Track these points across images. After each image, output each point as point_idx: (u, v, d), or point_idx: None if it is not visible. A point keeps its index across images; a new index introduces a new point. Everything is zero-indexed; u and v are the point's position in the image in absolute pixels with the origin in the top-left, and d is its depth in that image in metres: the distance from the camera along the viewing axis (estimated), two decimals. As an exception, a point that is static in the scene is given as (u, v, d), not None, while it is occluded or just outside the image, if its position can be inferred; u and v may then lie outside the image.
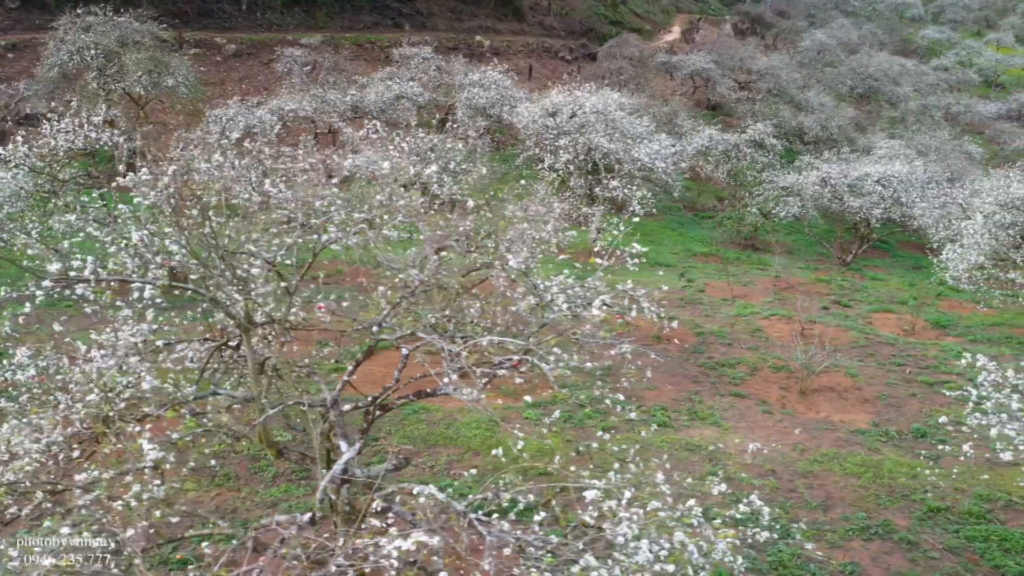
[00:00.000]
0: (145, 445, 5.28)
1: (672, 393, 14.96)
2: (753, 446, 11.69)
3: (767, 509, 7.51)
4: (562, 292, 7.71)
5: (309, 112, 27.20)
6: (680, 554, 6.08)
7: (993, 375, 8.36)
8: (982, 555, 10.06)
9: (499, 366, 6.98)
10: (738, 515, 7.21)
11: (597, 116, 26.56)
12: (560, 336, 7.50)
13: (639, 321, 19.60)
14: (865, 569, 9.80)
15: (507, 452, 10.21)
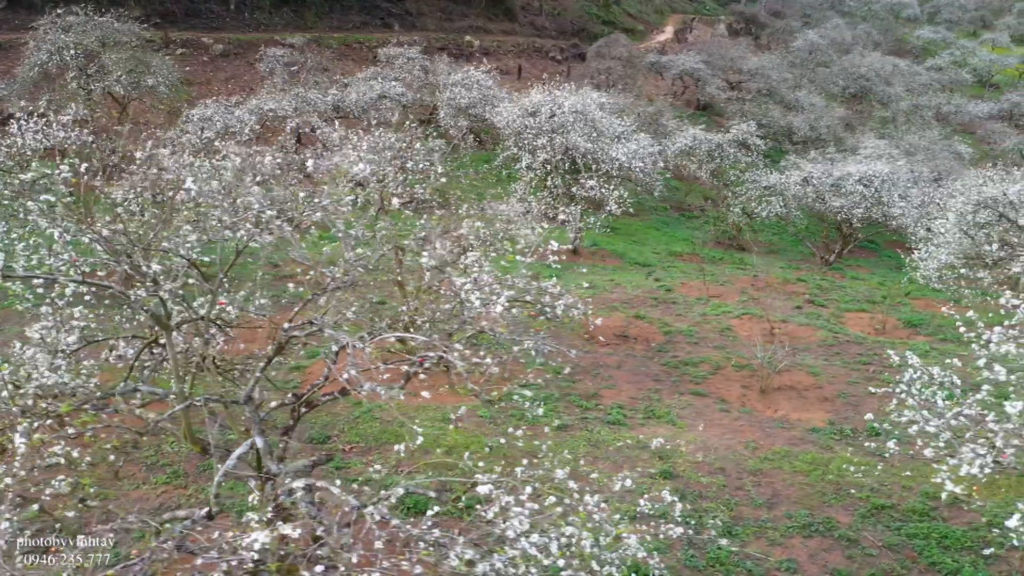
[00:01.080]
0: (17, 439, 5.32)
1: (631, 392, 14.99)
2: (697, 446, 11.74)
3: (679, 504, 7.53)
4: (477, 289, 7.67)
5: (289, 112, 27.26)
6: (579, 550, 6.13)
7: (919, 372, 8.39)
8: (920, 552, 10.09)
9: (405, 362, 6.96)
10: (648, 510, 7.20)
11: (576, 116, 26.57)
12: (465, 332, 7.48)
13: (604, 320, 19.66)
14: (802, 566, 9.84)
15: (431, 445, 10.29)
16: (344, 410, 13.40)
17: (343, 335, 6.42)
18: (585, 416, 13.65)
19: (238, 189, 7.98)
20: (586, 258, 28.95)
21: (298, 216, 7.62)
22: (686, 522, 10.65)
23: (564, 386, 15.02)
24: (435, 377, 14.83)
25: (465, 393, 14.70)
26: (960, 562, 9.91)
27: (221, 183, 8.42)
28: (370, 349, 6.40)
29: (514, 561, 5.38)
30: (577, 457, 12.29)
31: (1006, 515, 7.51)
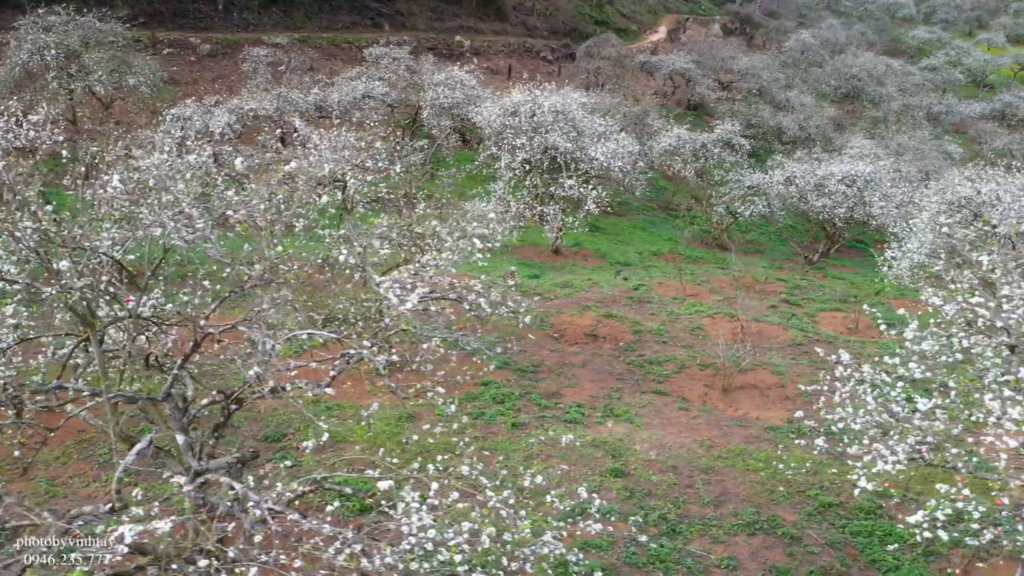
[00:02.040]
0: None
1: (593, 390, 15.02)
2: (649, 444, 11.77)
3: (598, 501, 7.56)
4: (395, 286, 7.70)
5: (270, 111, 27.30)
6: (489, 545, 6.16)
7: (850, 370, 8.42)
8: (862, 550, 10.12)
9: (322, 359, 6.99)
10: (565, 507, 7.22)
11: (556, 115, 26.60)
12: (373, 328, 7.52)
13: (574, 320, 19.69)
14: (742, 563, 9.87)
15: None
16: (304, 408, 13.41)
17: (255, 332, 6.45)
18: (543, 415, 13.68)
19: (166, 187, 8.02)
20: (568, 257, 28.99)
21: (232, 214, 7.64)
22: (634, 520, 10.74)
23: (527, 385, 15.06)
24: (395, 376, 14.87)
25: (418, 391, 14.76)
26: (901, 559, 9.93)
27: (153, 182, 8.48)
28: (279, 347, 6.41)
29: (405, 556, 5.41)
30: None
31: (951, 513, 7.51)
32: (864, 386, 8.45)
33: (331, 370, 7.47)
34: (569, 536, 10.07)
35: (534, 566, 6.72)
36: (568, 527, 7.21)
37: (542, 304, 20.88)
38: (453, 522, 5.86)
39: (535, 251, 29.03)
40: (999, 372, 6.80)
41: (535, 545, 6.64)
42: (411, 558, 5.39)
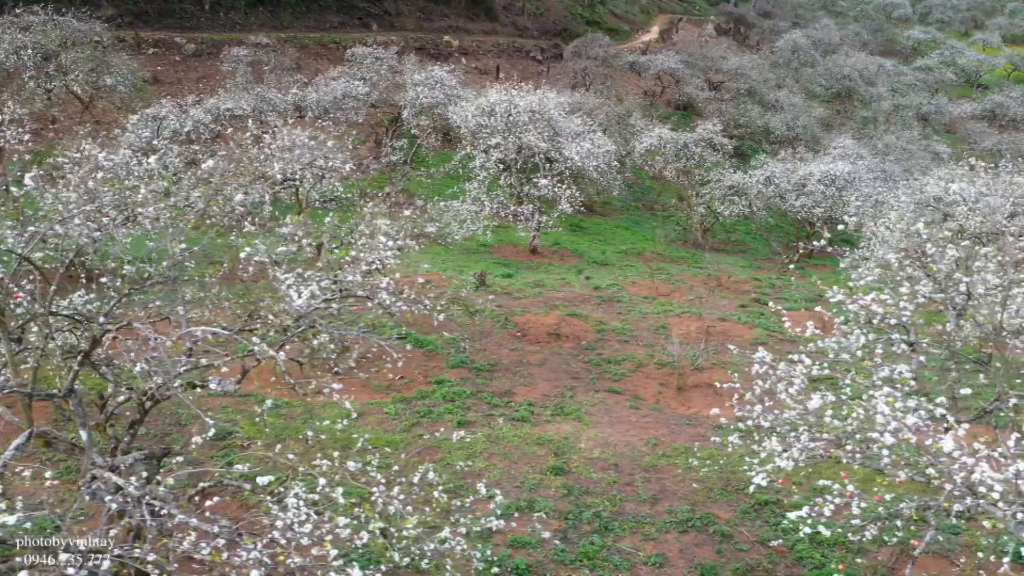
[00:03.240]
0: None
1: (546, 389, 15.05)
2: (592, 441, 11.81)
3: (500, 497, 7.59)
4: (302, 284, 7.72)
5: (247, 111, 27.36)
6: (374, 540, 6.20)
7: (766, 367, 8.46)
8: (792, 547, 10.14)
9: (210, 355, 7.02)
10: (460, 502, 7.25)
11: (532, 115, 26.63)
12: (270, 325, 7.54)
13: (539, 319, 19.72)
14: (670, 560, 9.90)
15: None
16: (249, 406, 13.46)
17: (149, 329, 6.49)
18: (491, 413, 13.71)
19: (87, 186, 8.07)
20: (545, 257, 29.02)
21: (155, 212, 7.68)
22: (565, 517, 10.78)
23: (480, 383, 15.09)
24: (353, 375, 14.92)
25: (378, 388, 14.82)
26: (829, 557, 9.96)
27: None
28: (170, 343, 6.45)
29: (277, 549, 5.45)
30: (474, 452, 12.43)
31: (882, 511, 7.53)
32: (782, 384, 8.50)
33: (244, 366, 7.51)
34: (499, 533, 10.18)
35: (430, 562, 6.75)
36: (472, 522, 7.21)
37: (510, 303, 20.95)
38: (332, 517, 5.88)
39: (513, 251, 29.07)
40: (886, 369, 6.84)
41: (431, 541, 6.66)
42: (281, 552, 5.42)
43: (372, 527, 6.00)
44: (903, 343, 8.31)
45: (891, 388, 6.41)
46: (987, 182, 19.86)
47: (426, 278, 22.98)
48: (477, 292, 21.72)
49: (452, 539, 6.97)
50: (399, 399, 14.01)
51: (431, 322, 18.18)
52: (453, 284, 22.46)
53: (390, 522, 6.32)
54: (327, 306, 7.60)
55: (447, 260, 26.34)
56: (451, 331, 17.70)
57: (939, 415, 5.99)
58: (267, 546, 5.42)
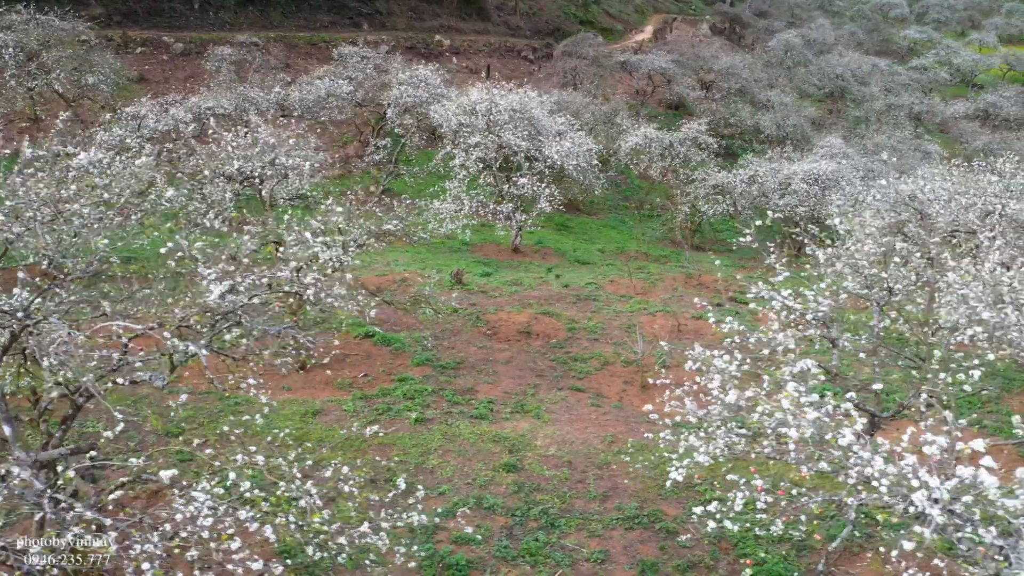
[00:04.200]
0: None
1: (509, 386, 15.06)
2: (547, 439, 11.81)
3: (421, 492, 7.60)
4: (220, 280, 7.73)
5: (229, 110, 27.39)
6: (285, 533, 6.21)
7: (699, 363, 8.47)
8: (736, 545, 10.15)
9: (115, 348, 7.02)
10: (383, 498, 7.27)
11: (513, 114, 26.64)
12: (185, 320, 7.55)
13: (511, 317, 19.72)
14: (612, 557, 9.91)
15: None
16: (210, 403, 13.49)
17: (57, 324, 6.51)
18: (451, 411, 13.72)
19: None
20: (527, 256, 29.01)
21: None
22: (512, 514, 10.79)
23: (444, 381, 15.11)
24: (313, 373, 14.95)
25: (341, 386, 14.83)
26: (772, 554, 9.96)
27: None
28: (83, 337, 6.46)
29: (181, 542, 5.46)
30: (429, 449, 12.44)
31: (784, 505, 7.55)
32: (715, 379, 8.51)
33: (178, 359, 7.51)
34: (443, 530, 10.20)
35: (347, 558, 6.76)
36: (393, 518, 7.21)
37: (485, 301, 20.96)
38: (234, 511, 5.89)
39: (495, 249, 29.08)
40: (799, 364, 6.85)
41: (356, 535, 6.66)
42: (176, 546, 5.44)
43: (278, 521, 6.01)
44: (825, 339, 8.33)
45: (797, 383, 6.42)
46: (959, 180, 19.82)
47: (404, 277, 23.14)
48: (452, 290, 21.78)
49: (374, 535, 6.96)
50: (359, 396, 14.03)
51: (402, 320, 18.31)
52: (430, 282, 22.51)
53: (302, 517, 6.33)
54: (248, 301, 7.59)
55: (427, 259, 26.36)
56: (421, 329, 17.76)
57: (844, 409, 6.00)
58: (165, 539, 5.43)
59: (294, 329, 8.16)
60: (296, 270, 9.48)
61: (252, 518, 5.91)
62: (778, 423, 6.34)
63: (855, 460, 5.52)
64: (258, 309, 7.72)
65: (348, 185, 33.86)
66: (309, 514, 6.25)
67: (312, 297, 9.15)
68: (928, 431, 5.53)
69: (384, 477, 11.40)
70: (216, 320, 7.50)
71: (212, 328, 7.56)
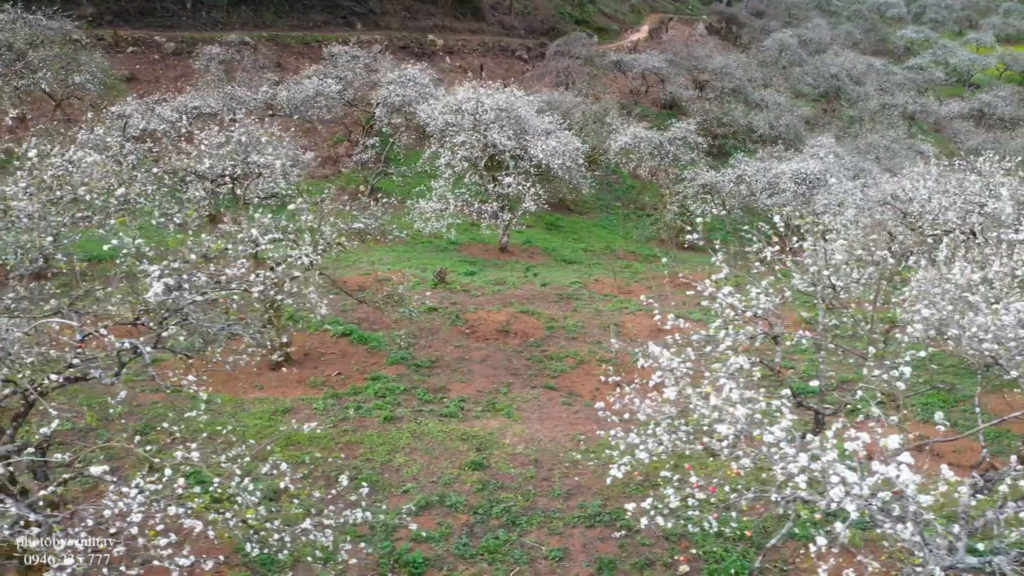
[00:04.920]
0: None
1: (482, 385, 15.08)
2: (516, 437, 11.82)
3: (365, 489, 7.62)
4: (164, 277, 7.73)
5: (215, 109, 27.42)
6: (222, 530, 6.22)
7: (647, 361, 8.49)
8: (696, 542, 10.15)
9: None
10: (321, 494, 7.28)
11: (499, 113, 26.67)
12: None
13: (491, 316, 19.71)
14: (571, 554, 9.92)
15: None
16: (181, 402, 13.50)
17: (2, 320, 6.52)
18: (422, 409, 13.74)
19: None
20: (514, 255, 29.03)
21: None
22: (474, 512, 10.81)
23: (417, 380, 15.13)
24: (287, 372, 14.96)
25: (314, 384, 14.84)
26: (732, 552, 9.97)
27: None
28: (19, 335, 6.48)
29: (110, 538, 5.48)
30: (396, 447, 12.45)
31: (714, 502, 7.58)
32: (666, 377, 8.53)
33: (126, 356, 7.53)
34: (404, 527, 10.21)
35: (289, 554, 6.77)
36: (336, 515, 7.22)
37: (467, 300, 20.98)
38: (167, 507, 5.91)
39: (483, 249, 29.10)
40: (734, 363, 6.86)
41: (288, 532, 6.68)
42: (101, 543, 5.46)
43: (211, 517, 6.03)
44: (768, 335, 8.37)
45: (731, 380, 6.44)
46: (940, 179, 19.81)
47: (387, 276, 23.15)
48: (435, 289, 21.81)
49: (318, 532, 6.98)
50: (330, 395, 14.05)
51: (381, 319, 18.32)
52: (407, 282, 22.53)
53: (239, 513, 6.34)
54: (199, 299, 7.59)
55: (413, 258, 26.38)
56: (399, 328, 17.79)
57: (775, 406, 6.01)
58: (93, 534, 5.45)
59: (241, 327, 8.16)
60: (270, 268, 9.50)
61: (186, 514, 5.92)
62: (713, 420, 6.36)
63: (779, 456, 5.53)
64: (205, 307, 7.73)
65: (337, 184, 33.92)
66: (243, 510, 6.26)
67: (260, 295, 9.13)
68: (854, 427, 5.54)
69: (349, 475, 11.42)
70: (165, 318, 7.51)
71: (160, 325, 7.57)
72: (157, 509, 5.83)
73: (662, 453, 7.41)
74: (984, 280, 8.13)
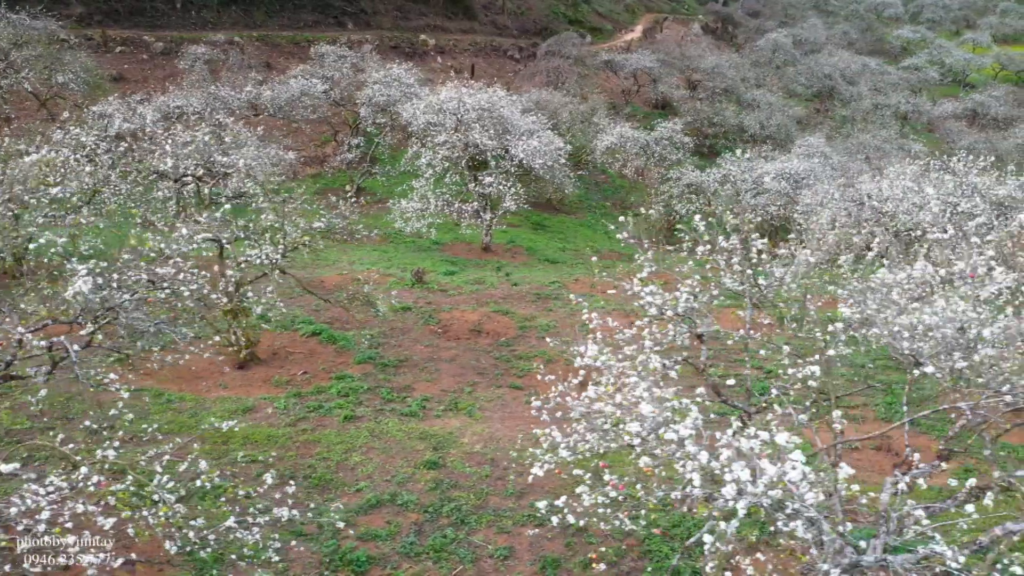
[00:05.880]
0: None
1: (447, 384, 15.10)
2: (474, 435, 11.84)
3: (292, 488, 7.63)
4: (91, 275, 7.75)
5: (198, 108, 27.45)
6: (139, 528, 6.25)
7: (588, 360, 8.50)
8: (642, 541, 10.18)
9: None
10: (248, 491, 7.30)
11: (481, 113, 26.69)
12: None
13: (464, 315, 19.73)
14: (517, 553, 9.94)
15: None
16: (142, 401, 13.52)
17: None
18: (383, 408, 13.76)
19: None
20: (497, 255, 29.04)
21: None
22: (425, 510, 10.83)
23: (382, 379, 15.15)
24: (253, 371, 14.99)
25: (279, 383, 14.87)
26: (678, 551, 9.98)
27: None
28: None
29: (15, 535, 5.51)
30: (353, 447, 12.48)
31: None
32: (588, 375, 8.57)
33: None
34: (352, 525, 10.24)
35: (212, 552, 6.80)
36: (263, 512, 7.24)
37: (443, 300, 21.00)
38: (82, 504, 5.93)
39: (465, 248, 29.11)
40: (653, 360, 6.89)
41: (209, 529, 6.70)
42: (6, 539, 5.49)
43: (124, 515, 6.06)
44: (692, 334, 8.40)
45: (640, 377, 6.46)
46: (915, 179, 19.84)
47: (363, 276, 23.17)
48: (412, 289, 21.85)
49: (243, 530, 7.00)
50: (293, 394, 14.08)
51: (353, 319, 18.34)
52: (390, 282, 22.57)
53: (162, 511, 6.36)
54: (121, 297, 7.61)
55: (394, 258, 26.41)
56: (371, 327, 17.82)
57: (682, 405, 6.04)
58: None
59: (168, 326, 8.18)
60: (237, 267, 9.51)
61: (98, 512, 5.95)
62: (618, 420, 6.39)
63: (680, 455, 5.55)
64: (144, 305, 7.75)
65: (322, 184, 33.97)
66: (160, 507, 6.29)
67: (186, 292, 9.12)
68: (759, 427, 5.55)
69: (303, 474, 11.47)
70: (97, 316, 7.53)
71: (95, 323, 7.60)
72: (69, 507, 5.85)
73: (586, 451, 7.42)
74: (909, 278, 8.15)
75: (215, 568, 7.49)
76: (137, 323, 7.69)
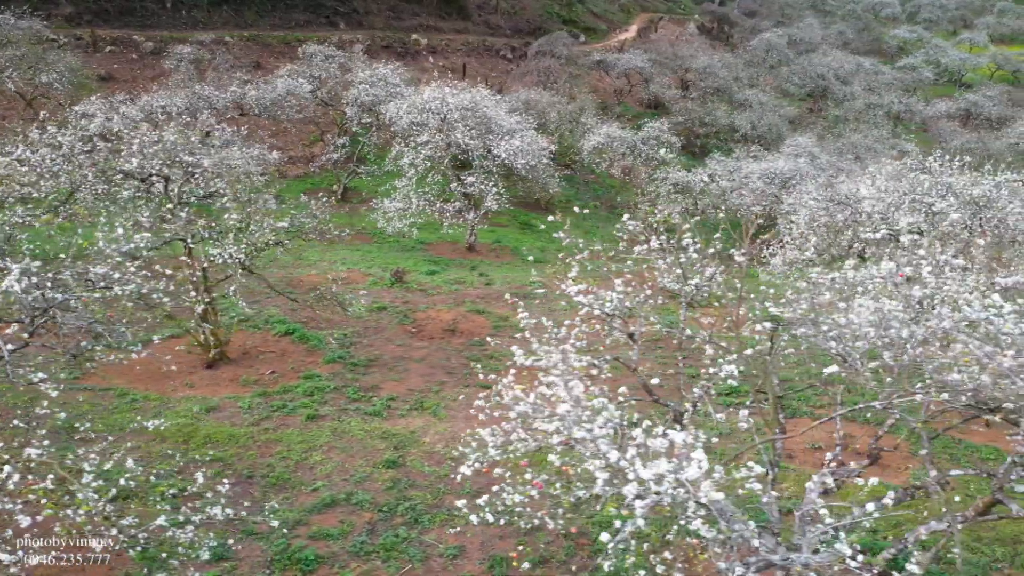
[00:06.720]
0: None
1: (415, 384, 15.10)
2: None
3: (225, 487, 7.64)
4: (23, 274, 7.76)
5: (180, 108, 27.49)
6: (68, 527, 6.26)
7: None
8: (594, 540, 10.19)
9: None
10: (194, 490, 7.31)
11: (464, 112, 26.69)
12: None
13: (440, 315, 19.73)
14: (467, 552, 9.95)
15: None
16: (107, 400, 13.56)
17: None
18: (347, 408, 13.77)
19: None
20: (481, 255, 29.04)
21: None
22: (379, 509, 10.86)
23: (350, 379, 15.15)
24: (221, 370, 15.00)
25: (246, 383, 14.88)
26: (629, 548, 9.98)
27: None
28: None
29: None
30: (313, 446, 12.49)
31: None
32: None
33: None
34: (304, 524, 10.26)
35: (140, 551, 6.81)
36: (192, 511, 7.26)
37: (420, 299, 21.01)
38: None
39: (450, 248, 29.12)
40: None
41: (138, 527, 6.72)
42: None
43: (46, 513, 6.08)
44: (625, 334, 8.43)
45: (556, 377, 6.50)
46: (890, 179, 19.81)
47: (344, 276, 23.19)
48: (391, 289, 21.88)
49: (174, 528, 7.02)
50: (258, 394, 14.09)
51: (328, 318, 18.35)
52: (369, 281, 22.60)
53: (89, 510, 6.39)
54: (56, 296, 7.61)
55: (376, 257, 26.43)
56: (343, 327, 17.84)
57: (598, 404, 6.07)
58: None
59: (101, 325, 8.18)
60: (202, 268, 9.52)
61: (19, 510, 5.98)
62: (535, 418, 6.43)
63: (591, 454, 5.57)
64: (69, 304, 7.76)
65: (310, 184, 34.00)
66: (84, 505, 6.31)
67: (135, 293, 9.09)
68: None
69: (261, 473, 11.50)
70: (34, 315, 7.55)
71: (32, 323, 7.61)
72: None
73: (515, 451, 7.44)
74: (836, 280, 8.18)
75: (146, 567, 7.51)
76: (69, 323, 7.69)
